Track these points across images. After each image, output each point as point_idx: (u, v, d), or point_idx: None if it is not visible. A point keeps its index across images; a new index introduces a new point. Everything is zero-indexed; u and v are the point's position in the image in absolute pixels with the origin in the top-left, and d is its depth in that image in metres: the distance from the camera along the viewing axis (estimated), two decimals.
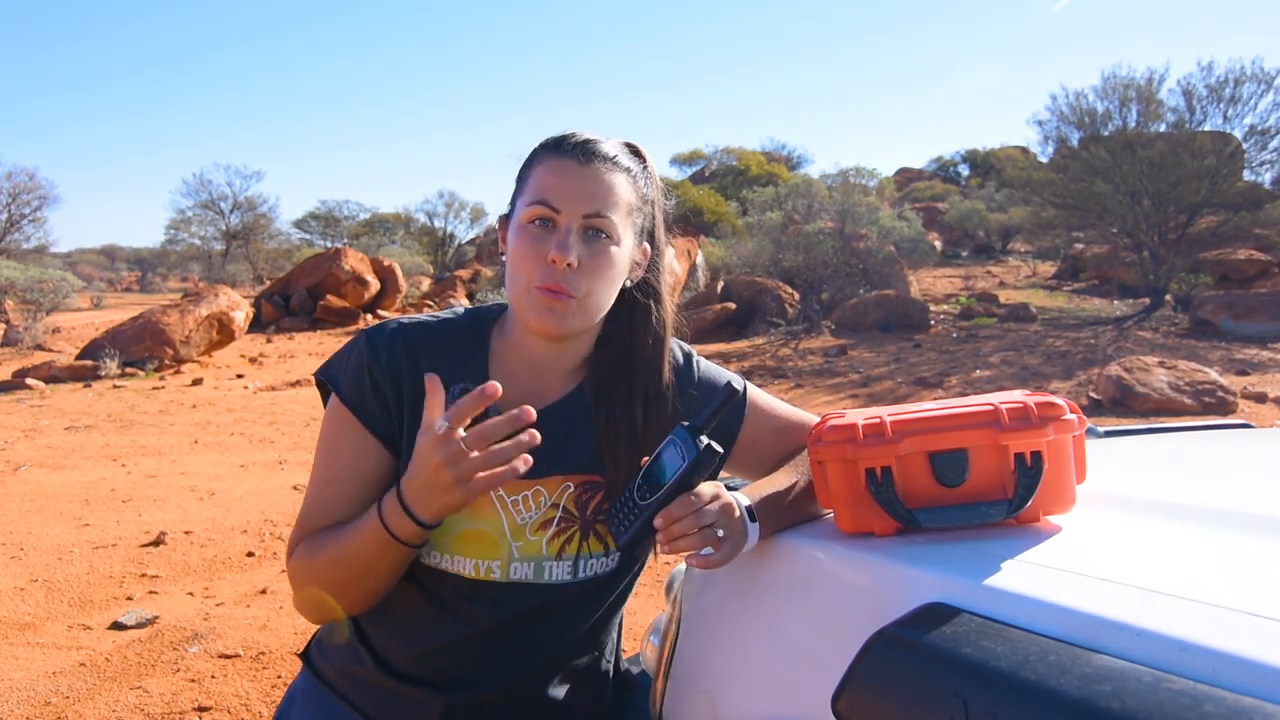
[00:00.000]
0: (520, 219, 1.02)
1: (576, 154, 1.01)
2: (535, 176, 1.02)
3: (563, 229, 1.00)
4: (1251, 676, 0.56)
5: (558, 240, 0.99)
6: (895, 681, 0.72)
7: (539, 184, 1.01)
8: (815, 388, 9.69)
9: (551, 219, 1.00)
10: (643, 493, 0.95)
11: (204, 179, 36.55)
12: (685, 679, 1.15)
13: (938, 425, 0.92)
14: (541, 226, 1.00)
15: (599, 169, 1.01)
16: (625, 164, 1.05)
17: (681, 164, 31.16)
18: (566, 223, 1.00)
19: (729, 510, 0.95)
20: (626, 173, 1.04)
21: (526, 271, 1.00)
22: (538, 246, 1.00)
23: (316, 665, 1.16)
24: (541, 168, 1.02)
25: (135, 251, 47.36)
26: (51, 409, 8.42)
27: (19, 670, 2.91)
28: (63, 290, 15.15)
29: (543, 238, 1.00)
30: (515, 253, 1.01)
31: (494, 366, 1.09)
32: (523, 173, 1.06)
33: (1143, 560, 0.80)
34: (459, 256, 29.66)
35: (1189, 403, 7.77)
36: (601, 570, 1.09)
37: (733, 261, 15.98)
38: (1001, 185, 23.35)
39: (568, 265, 0.98)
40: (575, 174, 1.00)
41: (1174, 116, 14.35)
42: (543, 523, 1.06)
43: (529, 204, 1.01)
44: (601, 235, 1.01)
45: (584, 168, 1.01)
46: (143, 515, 4.72)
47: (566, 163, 1.01)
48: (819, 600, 0.95)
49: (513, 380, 1.07)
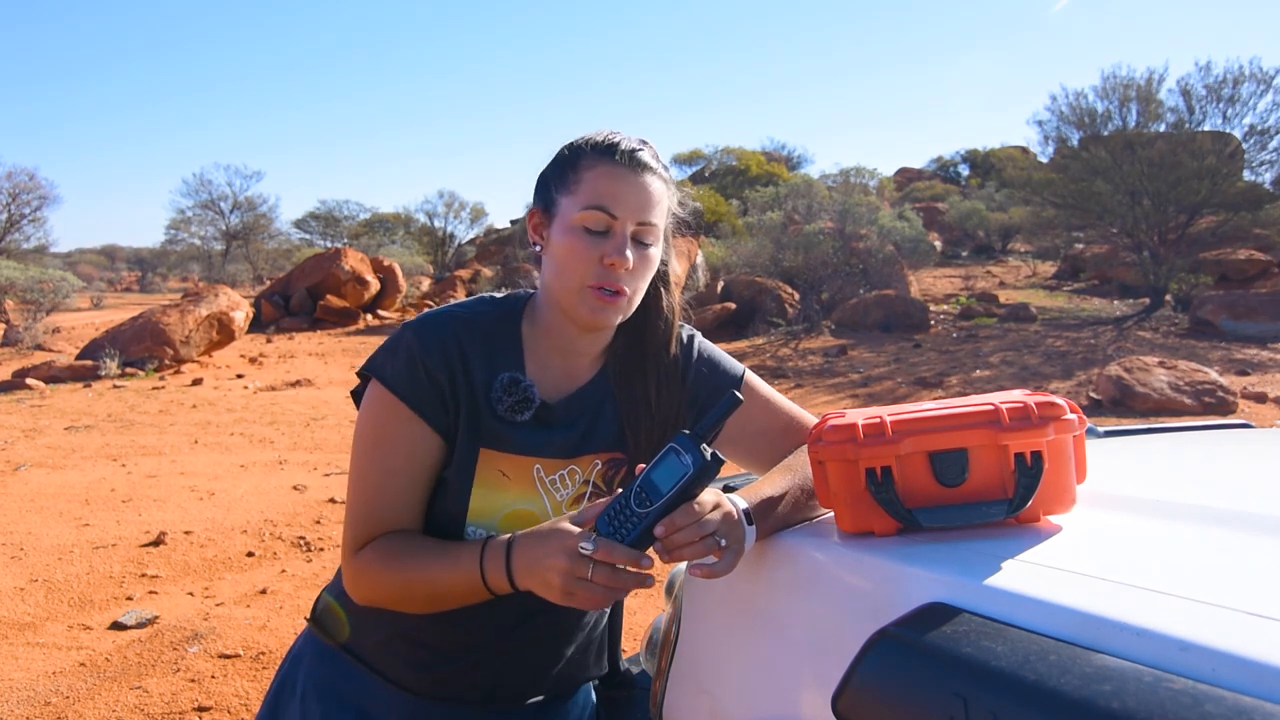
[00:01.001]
0: (574, 220, 1.07)
1: (629, 163, 1.07)
2: (589, 181, 1.07)
3: (620, 235, 1.06)
4: (1251, 676, 0.56)
5: (616, 246, 1.06)
6: (895, 681, 0.72)
7: (596, 189, 1.06)
8: (815, 388, 9.69)
9: (609, 225, 1.06)
10: (641, 500, 0.93)
11: (204, 179, 36.63)
12: (685, 679, 1.15)
13: (938, 425, 0.93)
14: (592, 232, 1.06)
15: (648, 180, 1.08)
16: (662, 173, 1.12)
17: (681, 164, 31.14)
18: (622, 229, 1.06)
19: (730, 519, 0.95)
20: (665, 181, 1.12)
21: (580, 271, 1.06)
22: (594, 250, 1.06)
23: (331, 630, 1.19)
24: (595, 173, 1.07)
25: (135, 251, 47.38)
26: (51, 409, 8.42)
27: (19, 670, 2.91)
28: (63, 290, 15.14)
29: (598, 242, 1.06)
30: (568, 252, 1.06)
31: (529, 355, 1.14)
32: (568, 167, 1.10)
33: (1142, 560, 0.80)
34: (459, 256, 29.64)
35: (1189, 403, 7.77)
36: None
37: (733, 261, 15.97)
38: (1001, 185, 23.33)
39: (626, 269, 1.06)
40: (630, 183, 1.07)
41: (1174, 116, 14.36)
42: (576, 498, 1.14)
43: (586, 207, 1.06)
44: (645, 243, 1.09)
45: (637, 177, 1.07)
46: (143, 515, 4.72)
47: (621, 171, 1.07)
48: (819, 600, 0.95)
49: (546, 366, 1.14)
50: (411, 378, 1.07)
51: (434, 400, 1.07)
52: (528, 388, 1.10)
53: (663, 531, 0.92)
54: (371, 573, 1.06)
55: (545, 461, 1.11)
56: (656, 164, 1.11)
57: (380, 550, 1.07)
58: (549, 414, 1.12)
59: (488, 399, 1.09)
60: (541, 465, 1.11)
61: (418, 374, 1.07)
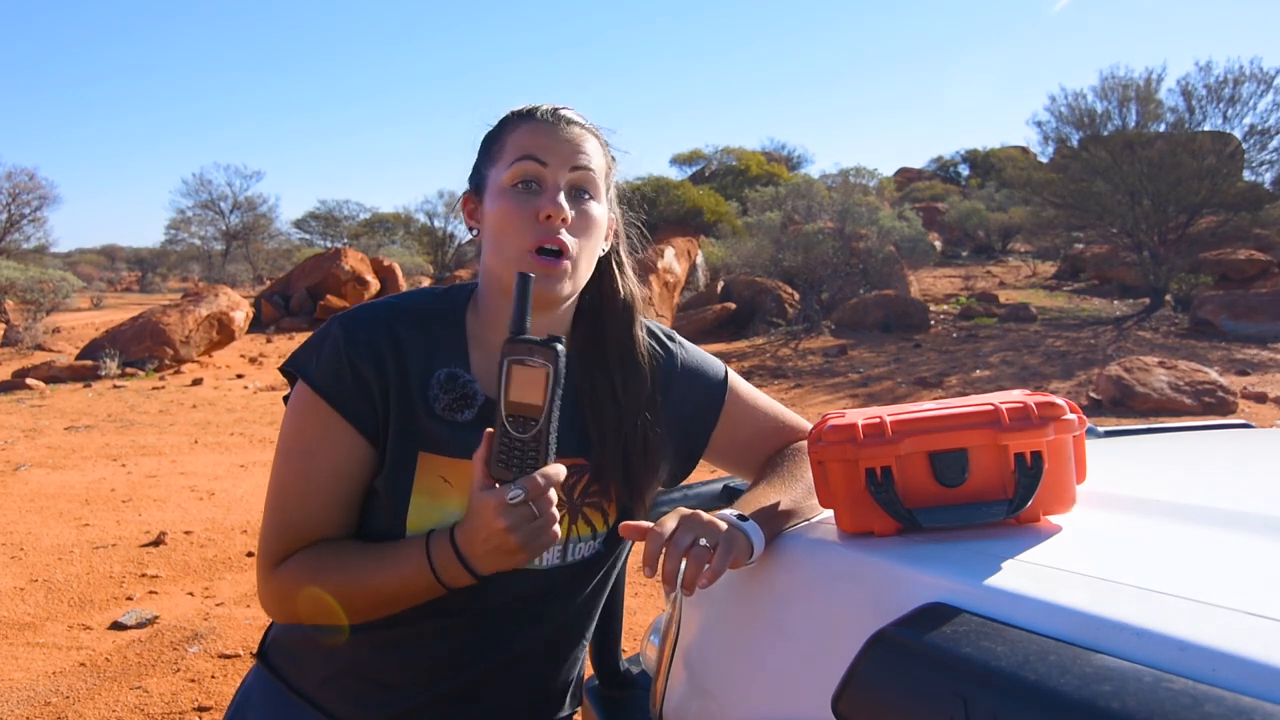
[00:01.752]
0: (503, 181, 1.00)
1: (551, 117, 1.02)
2: (513, 141, 1.01)
3: (551, 185, 0.99)
4: (1251, 676, 0.56)
5: (550, 197, 0.98)
6: (895, 681, 0.72)
7: (520, 143, 1.00)
8: (815, 388, 9.69)
9: (538, 176, 0.99)
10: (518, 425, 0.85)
11: (204, 179, 36.48)
12: (685, 679, 1.15)
13: (938, 425, 0.92)
14: (526, 188, 0.99)
15: (575, 130, 1.02)
16: (592, 129, 1.06)
17: (681, 164, 31.13)
18: (554, 178, 0.99)
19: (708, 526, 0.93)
20: (596, 136, 1.05)
21: (517, 236, 0.97)
22: (527, 206, 0.98)
23: (280, 669, 1.10)
24: (518, 132, 1.01)
25: (135, 251, 47.33)
26: (51, 409, 8.42)
27: (19, 670, 2.91)
28: (63, 290, 15.14)
29: (530, 198, 0.98)
30: (501, 216, 0.99)
31: (474, 348, 1.05)
32: (492, 142, 1.05)
33: (1142, 560, 0.80)
34: (459, 256, 29.63)
35: (1189, 403, 7.77)
36: (588, 553, 1.08)
37: (733, 261, 15.97)
38: (1001, 185, 23.34)
39: (562, 220, 0.97)
40: (556, 134, 1.00)
41: (1173, 117, 14.36)
42: None
43: (513, 161, 0.99)
44: (585, 194, 1.01)
45: (563, 129, 1.01)
46: (143, 515, 4.72)
47: (544, 125, 1.01)
48: (819, 600, 0.95)
49: (493, 361, 1.00)
50: (335, 375, 0.97)
51: (359, 400, 0.97)
52: (467, 383, 1.01)
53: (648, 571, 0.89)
54: (296, 588, 0.96)
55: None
56: (585, 121, 1.05)
57: (304, 563, 0.97)
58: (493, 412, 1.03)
59: (424, 397, 0.99)
60: None
61: (342, 371, 0.97)
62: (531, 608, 1.07)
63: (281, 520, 0.99)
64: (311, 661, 1.07)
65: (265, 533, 1.01)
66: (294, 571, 0.98)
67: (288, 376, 1.03)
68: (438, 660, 1.03)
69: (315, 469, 0.98)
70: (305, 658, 1.08)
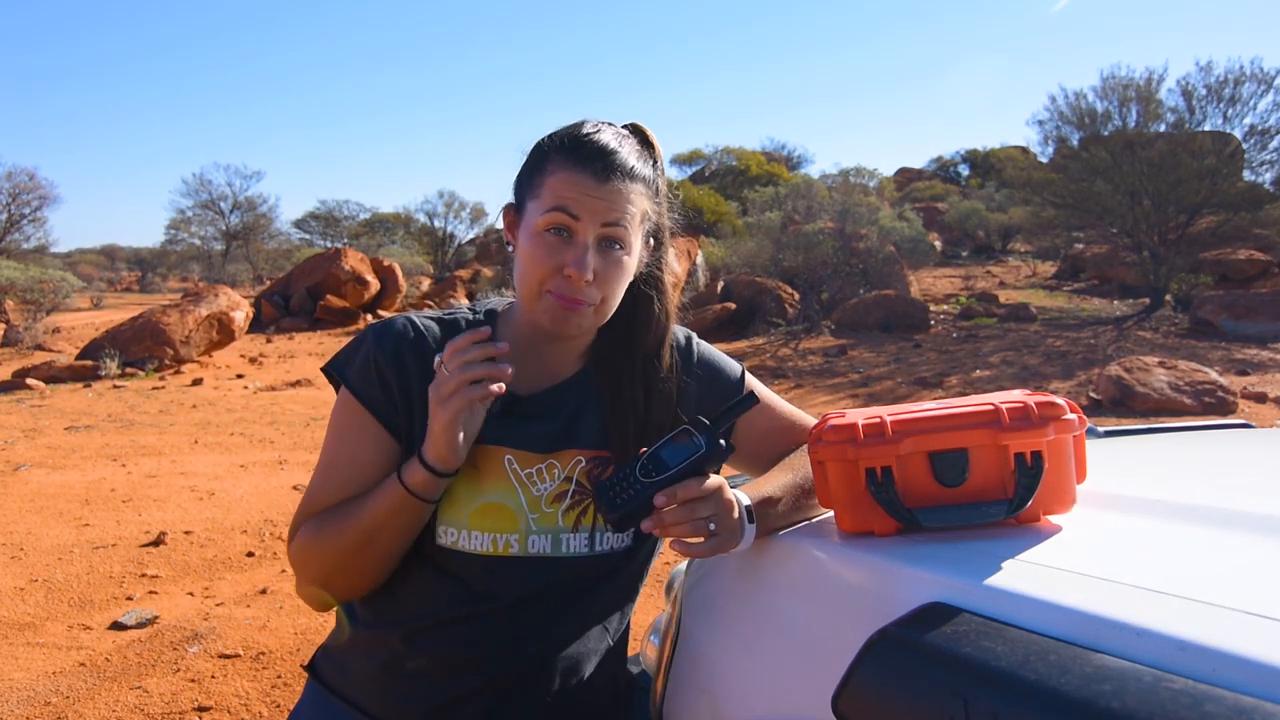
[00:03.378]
0: (537, 225, 1.02)
1: (595, 167, 1.01)
2: (551, 185, 1.02)
3: (580, 243, 1.01)
4: (1251, 676, 0.56)
5: (576, 257, 1.00)
6: (895, 681, 0.72)
7: (556, 192, 1.01)
8: (815, 388, 9.69)
9: (569, 227, 1.01)
10: (646, 470, 0.95)
11: (204, 179, 36.60)
12: (685, 679, 1.15)
13: (938, 425, 0.93)
14: (557, 235, 1.01)
15: (617, 185, 1.01)
16: (641, 172, 1.05)
17: (681, 164, 31.15)
18: (584, 236, 1.01)
19: (728, 507, 0.96)
20: (642, 182, 1.05)
21: (540, 277, 1.02)
22: (554, 257, 1.01)
23: (324, 675, 1.15)
24: (557, 178, 1.01)
25: (135, 251, 47.36)
26: (51, 409, 8.42)
27: (19, 670, 2.91)
28: (63, 290, 15.14)
29: (559, 248, 1.01)
30: (529, 259, 1.02)
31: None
32: (535, 170, 1.05)
33: (1143, 560, 0.80)
34: (459, 256, 29.63)
35: (1189, 403, 7.77)
36: (617, 545, 1.10)
37: (733, 261, 15.98)
38: (1001, 185, 23.36)
39: (586, 281, 1.01)
40: (594, 190, 1.00)
41: (1174, 117, 14.36)
42: (557, 495, 1.08)
43: (547, 210, 1.01)
44: (616, 246, 1.03)
45: (602, 185, 1.01)
46: (143, 515, 4.72)
47: (585, 176, 1.00)
48: (819, 600, 0.95)
49: (520, 362, 1.09)
50: (364, 375, 1.07)
51: (385, 398, 1.07)
52: None
53: (663, 501, 0.93)
54: (306, 545, 1.06)
55: (518, 453, 1.07)
56: (634, 162, 1.04)
57: (310, 525, 1.07)
58: (521, 406, 1.09)
59: None
60: (514, 456, 1.07)
61: (369, 372, 1.07)
62: (560, 600, 1.09)
63: (308, 501, 1.10)
64: (352, 664, 1.12)
65: (296, 512, 1.11)
66: (303, 534, 1.08)
67: (328, 376, 1.12)
68: (470, 654, 1.06)
69: (341, 458, 1.08)
70: (347, 661, 1.13)
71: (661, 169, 1.11)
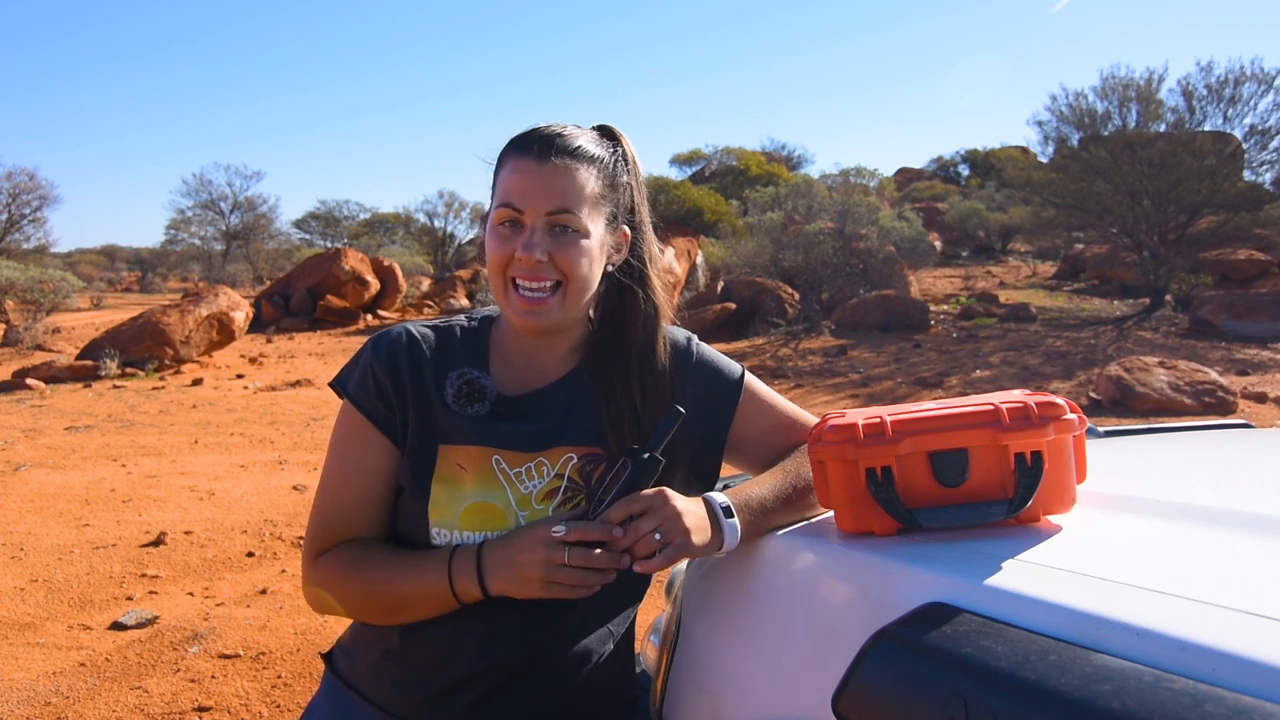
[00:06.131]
0: (492, 221, 1.07)
1: (536, 151, 1.04)
2: (502, 178, 1.07)
3: (528, 229, 1.04)
4: (1251, 676, 0.56)
5: (524, 241, 1.04)
6: (895, 681, 0.72)
7: (504, 185, 1.06)
8: (815, 388, 9.69)
9: (517, 219, 1.05)
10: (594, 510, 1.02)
11: (204, 179, 36.51)
12: (685, 679, 1.15)
13: (938, 425, 0.93)
14: (510, 227, 1.06)
15: (559, 165, 1.04)
16: (591, 152, 1.07)
17: (681, 164, 31.12)
18: (531, 222, 1.04)
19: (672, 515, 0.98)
20: (591, 162, 1.07)
21: (499, 267, 1.06)
22: (506, 246, 1.05)
23: (338, 666, 1.18)
24: (506, 169, 1.06)
25: (135, 251, 47.32)
26: (51, 409, 8.42)
27: (19, 670, 2.91)
28: (63, 290, 15.14)
29: (510, 238, 1.05)
30: (489, 252, 1.07)
31: (493, 354, 1.15)
32: (495, 173, 1.10)
33: (1143, 560, 0.80)
34: (459, 256, 29.62)
35: (1189, 403, 7.77)
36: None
37: (733, 261, 15.97)
38: (1001, 185, 23.33)
39: (536, 261, 1.03)
40: (536, 173, 1.04)
41: (1174, 116, 14.35)
42: (548, 492, 1.09)
43: (497, 206, 1.06)
44: (568, 230, 1.05)
45: (544, 165, 1.04)
46: (143, 515, 4.72)
47: (527, 162, 1.04)
48: (819, 600, 0.95)
49: (509, 364, 1.14)
50: (363, 386, 1.10)
51: (381, 404, 1.09)
52: (477, 378, 1.11)
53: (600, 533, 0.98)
54: (330, 581, 1.08)
55: (506, 453, 1.08)
56: (589, 145, 1.07)
57: (341, 558, 1.09)
58: (508, 406, 1.11)
59: (441, 396, 1.10)
60: (502, 456, 1.08)
61: (367, 381, 1.10)
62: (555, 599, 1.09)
63: (321, 514, 1.12)
64: (360, 653, 1.15)
65: (309, 526, 1.13)
66: (330, 565, 1.09)
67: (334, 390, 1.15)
68: (466, 643, 1.08)
69: (348, 469, 1.11)
70: (356, 651, 1.16)
71: (631, 160, 1.13)
